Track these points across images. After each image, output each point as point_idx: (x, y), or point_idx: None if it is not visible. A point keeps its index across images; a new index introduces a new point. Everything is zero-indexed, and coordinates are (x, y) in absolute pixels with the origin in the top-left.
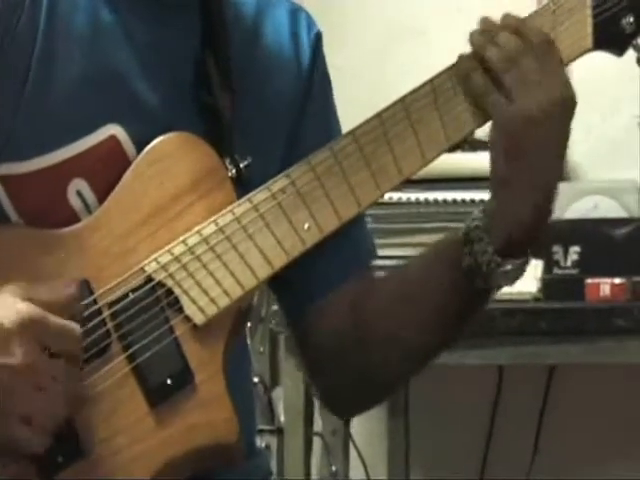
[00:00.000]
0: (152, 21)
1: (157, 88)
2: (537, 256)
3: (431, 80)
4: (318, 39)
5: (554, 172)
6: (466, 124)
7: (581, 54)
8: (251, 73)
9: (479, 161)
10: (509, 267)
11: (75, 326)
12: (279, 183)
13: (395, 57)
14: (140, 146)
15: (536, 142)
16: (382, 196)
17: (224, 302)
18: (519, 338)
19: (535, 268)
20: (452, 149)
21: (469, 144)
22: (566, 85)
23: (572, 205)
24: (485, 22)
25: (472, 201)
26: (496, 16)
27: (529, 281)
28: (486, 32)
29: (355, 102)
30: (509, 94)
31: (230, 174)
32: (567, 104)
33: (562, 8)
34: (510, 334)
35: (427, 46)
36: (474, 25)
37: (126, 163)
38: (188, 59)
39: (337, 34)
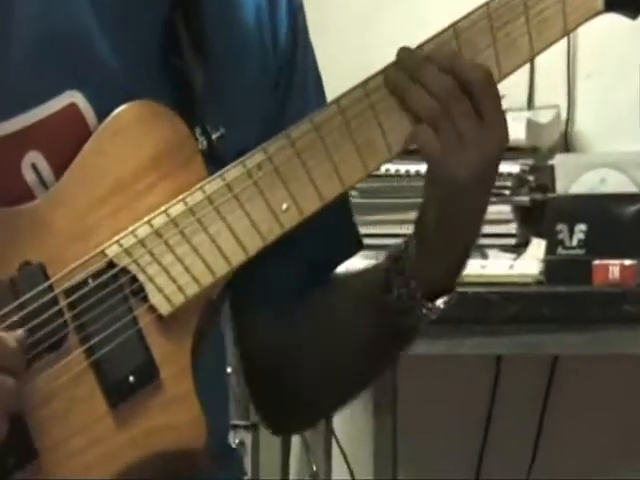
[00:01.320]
0: None
1: (121, 51)
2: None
3: (420, 46)
4: (299, 9)
5: (479, 225)
6: None
7: (590, 17)
8: (225, 38)
9: None
10: (439, 305)
11: (11, 339)
12: (255, 158)
13: (383, 20)
14: (102, 115)
15: (468, 208)
16: (368, 174)
17: (193, 290)
18: (519, 326)
19: (537, 248)
20: None
21: None
22: (502, 135)
23: (578, 179)
24: (404, 54)
25: None
26: None
27: (530, 262)
28: (407, 68)
29: (340, 65)
30: (442, 152)
31: (201, 146)
32: (500, 156)
33: None
34: (509, 321)
35: (417, 8)
36: None
37: (87, 134)
38: (156, 20)
39: None
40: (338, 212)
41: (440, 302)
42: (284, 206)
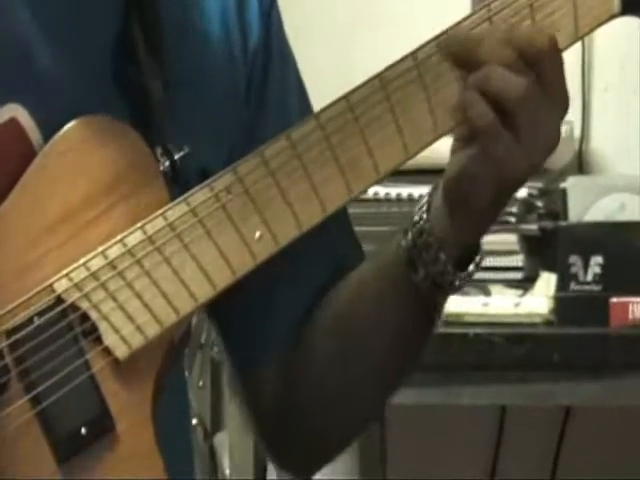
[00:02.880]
0: None
1: (68, 58)
2: None
3: (414, 52)
4: (272, 5)
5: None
6: None
7: (605, 21)
8: (185, 44)
9: None
10: (471, 270)
11: None
12: (223, 180)
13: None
14: (48, 132)
15: (524, 177)
16: (354, 198)
17: (153, 330)
18: (526, 372)
19: (547, 283)
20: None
21: None
22: (566, 105)
23: (594, 205)
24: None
25: None
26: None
27: (539, 300)
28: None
29: (319, 70)
30: (517, 134)
31: (162, 168)
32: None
33: None
34: (514, 367)
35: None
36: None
37: (30, 153)
38: (109, 25)
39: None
40: (339, 217)
41: (471, 268)
42: (257, 234)
